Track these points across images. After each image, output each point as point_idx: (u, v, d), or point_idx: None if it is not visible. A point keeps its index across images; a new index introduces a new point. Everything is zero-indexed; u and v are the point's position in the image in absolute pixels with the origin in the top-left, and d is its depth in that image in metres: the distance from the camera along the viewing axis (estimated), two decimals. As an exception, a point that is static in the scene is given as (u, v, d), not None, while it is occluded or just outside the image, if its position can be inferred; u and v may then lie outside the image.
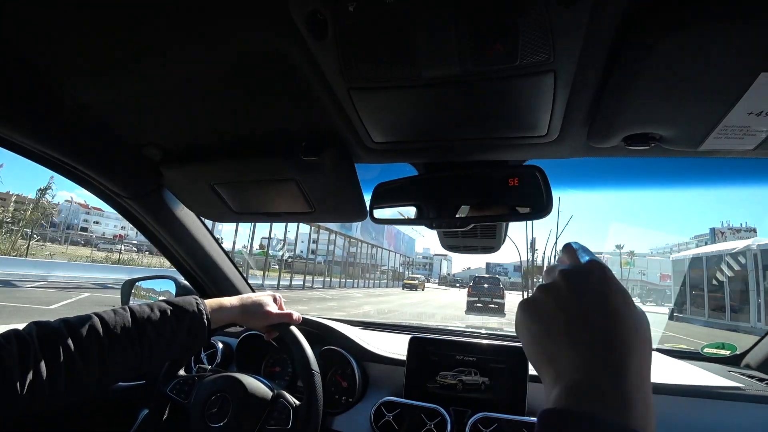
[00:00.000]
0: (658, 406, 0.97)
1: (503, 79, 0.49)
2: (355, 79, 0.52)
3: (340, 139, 0.73)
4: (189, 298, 0.80)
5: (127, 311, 0.72)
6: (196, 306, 0.79)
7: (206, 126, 0.77)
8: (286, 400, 0.89)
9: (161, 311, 0.75)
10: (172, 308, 0.76)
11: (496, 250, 0.99)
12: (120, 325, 0.69)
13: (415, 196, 0.78)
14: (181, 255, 1.28)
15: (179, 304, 0.78)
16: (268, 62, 0.56)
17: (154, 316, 0.73)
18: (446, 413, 1.01)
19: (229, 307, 0.86)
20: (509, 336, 1.43)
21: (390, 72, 0.49)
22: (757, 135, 0.52)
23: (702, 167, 0.99)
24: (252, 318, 0.90)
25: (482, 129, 0.63)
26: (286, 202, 0.92)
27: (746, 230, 60.05)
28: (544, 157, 0.71)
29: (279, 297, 0.98)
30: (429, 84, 0.51)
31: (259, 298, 0.92)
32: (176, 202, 1.10)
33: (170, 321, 0.75)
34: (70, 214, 67.90)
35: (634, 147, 0.59)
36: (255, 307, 0.90)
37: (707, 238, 64.14)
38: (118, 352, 0.68)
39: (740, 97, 0.46)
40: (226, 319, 0.86)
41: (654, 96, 0.49)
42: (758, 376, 1.08)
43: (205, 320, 0.79)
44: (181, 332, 0.75)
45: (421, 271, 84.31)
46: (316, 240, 28.57)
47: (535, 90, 0.51)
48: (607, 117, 0.56)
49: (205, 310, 0.80)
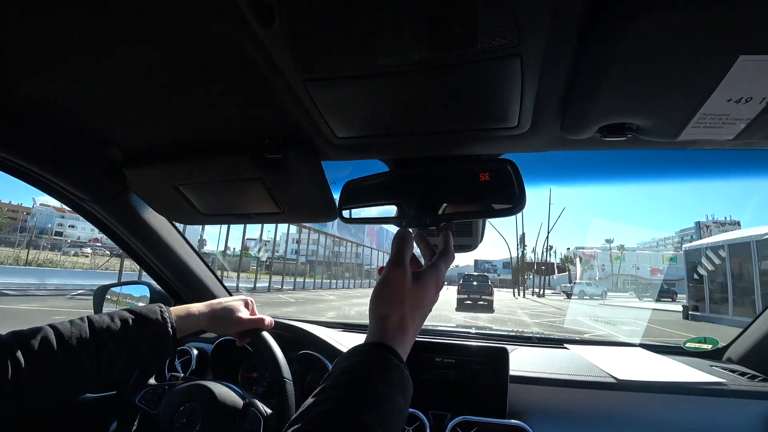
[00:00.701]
0: (637, 404, 0.98)
1: (466, 65, 0.47)
2: (309, 69, 0.49)
3: (304, 136, 0.71)
4: (153, 306, 0.78)
5: (85, 321, 0.70)
6: (160, 314, 0.76)
7: (166, 124, 0.74)
8: (257, 409, 0.86)
9: (122, 321, 0.72)
10: (134, 317, 0.74)
11: (473, 249, 0.97)
12: (76, 336, 0.67)
13: (384, 193, 0.75)
14: (153, 260, 1.25)
15: (142, 312, 0.75)
16: (222, 54, 0.54)
17: (114, 326, 0.71)
18: (425, 417, 1.00)
19: (197, 314, 0.84)
20: (497, 335, 1.43)
21: (345, 61, 0.47)
22: (737, 124, 0.51)
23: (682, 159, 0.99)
24: (222, 324, 0.87)
25: (449, 121, 0.60)
26: (253, 203, 0.90)
27: (730, 223, 61.93)
28: (519, 151, 0.69)
29: (251, 301, 0.95)
30: (388, 73, 0.49)
31: (229, 304, 0.89)
32: (144, 204, 1.07)
33: (131, 331, 0.72)
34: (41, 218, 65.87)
35: (610, 138, 0.57)
36: (225, 312, 0.87)
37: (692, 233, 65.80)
38: (74, 365, 0.65)
39: (718, 82, 0.44)
40: (194, 326, 0.84)
41: (628, 83, 0.47)
42: (740, 370, 1.09)
43: (170, 329, 0.76)
44: (143, 342, 0.73)
45: None
46: (298, 240, 28.63)
47: (501, 77, 0.48)
48: (581, 106, 0.54)
49: (170, 318, 0.77)
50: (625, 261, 45.23)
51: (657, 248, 70.11)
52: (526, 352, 1.22)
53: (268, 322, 0.93)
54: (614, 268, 43.41)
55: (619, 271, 42.29)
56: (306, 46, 0.45)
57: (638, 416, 0.97)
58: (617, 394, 1.00)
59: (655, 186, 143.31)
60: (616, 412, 0.99)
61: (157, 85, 0.63)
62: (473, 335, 1.42)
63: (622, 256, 45.76)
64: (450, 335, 1.42)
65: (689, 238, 68.21)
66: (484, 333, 1.44)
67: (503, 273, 55.14)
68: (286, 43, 0.45)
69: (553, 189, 36.67)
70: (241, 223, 1.08)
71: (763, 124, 0.50)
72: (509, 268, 52.46)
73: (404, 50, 0.44)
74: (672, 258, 45.66)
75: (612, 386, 1.00)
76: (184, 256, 1.30)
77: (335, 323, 1.53)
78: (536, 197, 52.29)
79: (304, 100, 0.57)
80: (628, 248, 55.18)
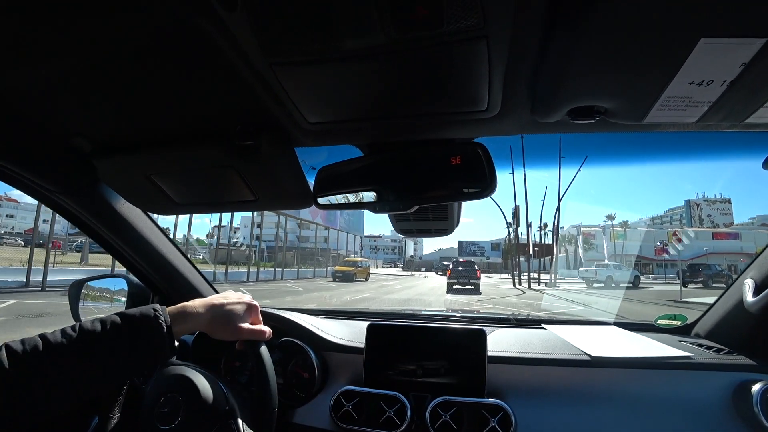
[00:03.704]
0: (610, 380, 1.07)
1: (432, 47, 0.49)
2: (275, 53, 0.51)
3: (276, 121, 0.72)
4: (146, 308, 0.75)
5: (76, 330, 0.68)
6: (154, 317, 0.74)
7: (133, 113, 0.75)
8: (235, 424, 0.83)
9: (114, 328, 0.70)
10: (127, 323, 0.72)
11: (449, 233, 1.03)
12: (67, 346, 0.66)
13: (357, 179, 0.78)
14: (128, 252, 1.26)
15: (134, 315, 0.73)
16: (187, 39, 0.55)
17: (105, 335, 0.69)
18: (406, 400, 1.07)
19: (194, 315, 0.80)
20: (478, 317, 1.51)
21: (310, 44, 0.49)
22: (699, 107, 0.55)
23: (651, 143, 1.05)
24: (220, 330, 0.84)
25: (420, 105, 0.63)
26: (228, 191, 0.91)
27: (721, 201, 63.61)
28: (491, 134, 0.73)
29: (255, 306, 0.91)
30: (354, 56, 0.51)
31: (232, 308, 0.85)
32: (116, 195, 1.07)
33: (124, 338, 0.70)
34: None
35: (579, 121, 0.61)
36: (225, 318, 0.83)
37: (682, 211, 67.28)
38: (65, 377, 0.65)
39: (681, 65, 0.47)
40: (191, 329, 0.81)
41: (595, 65, 0.50)
42: (707, 344, 1.19)
43: (166, 333, 0.74)
44: (137, 348, 0.71)
45: (390, 255, 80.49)
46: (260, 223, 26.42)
47: (469, 59, 0.51)
48: (550, 89, 0.58)
49: (165, 321, 0.74)
50: (628, 239, 40.89)
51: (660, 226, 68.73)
52: (505, 333, 1.30)
53: (268, 335, 0.89)
54: (616, 248, 38.91)
55: (623, 252, 38.08)
56: (270, 29, 0.47)
57: (611, 391, 1.06)
58: (591, 370, 1.09)
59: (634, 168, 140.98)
60: (591, 387, 1.07)
61: (120, 73, 0.63)
62: (454, 318, 1.50)
63: (624, 234, 41.65)
64: (432, 318, 1.50)
65: (679, 217, 69.83)
66: (464, 316, 1.52)
67: (492, 255, 51.81)
68: (251, 27, 0.47)
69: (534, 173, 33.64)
70: (217, 212, 1.10)
71: (722, 107, 0.54)
72: (498, 250, 51.55)
73: (369, 33, 0.46)
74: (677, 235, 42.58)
75: (586, 363, 1.09)
76: (160, 247, 1.31)
77: (318, 310, 1.59)
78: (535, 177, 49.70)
79: (272, 85, 0.59)
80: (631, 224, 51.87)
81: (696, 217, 60.70)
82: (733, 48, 0.45)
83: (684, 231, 36.07)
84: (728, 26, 0.42)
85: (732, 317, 1.16)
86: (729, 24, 0.42)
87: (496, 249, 52.40)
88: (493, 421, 1.00)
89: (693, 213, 61.22)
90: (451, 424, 1.02)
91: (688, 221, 61.32)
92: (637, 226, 56.98)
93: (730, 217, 60.04)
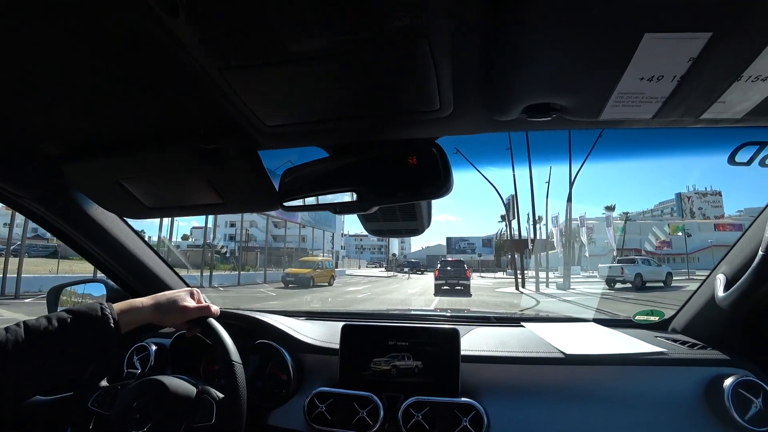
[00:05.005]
0: (585, 377, 1.08)
1: (373, 48, 0.50)
2: (223, 58, 0.52)
3: (236, 125, 0.74)
4: (93, 304, 0.81)
5: (21, 327, 0.73)
6: (101, 311, 0.80)
7: (100, 117, 0.76)
8: (209, 395, 0.90)
9: (60, 321, 0.76)
10: (72, 317, 0.77)
11: (420, 232, 1.03)
12: (12, 342, 0.70)
13: (319, 180, 0.80)
14: (103, 256, 1.28)
15: (81, 311, 0.79)
16: (139, 45, 0.56)
17: (51, 328, 0.74)
18: (378, 400, 1.07)
19: (140, 306, 0.89)
20: (457, 317, 1.52)
21: (252, 49, 0.50)
22: (653, 102, 0.55)
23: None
24: (168, 315, 0.92)
25: (372, 106, 0.64)
26: (196, 195, 0.93)
27: (712, 193, 64.56)
28: (451, 134, 0.74)
29: (197, 291, 1.00)
30: (298, 59, 0.52)
31: (174, 295, 0.95)
32: (88, 200, 1.09)
33: (71, 331, 0.76)
34: None
35: (536, 119, 0.61)
36: (170, 303, 0.93)
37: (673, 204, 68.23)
38: (12, 371, 0.69)
39: (629, 60, 0.47)
40: (139, 320, 0.88)
41: (543, 63, 0.51)
42: (681, 339, 1.21)
43: (112, 324, 0.80)
44: (85, 341, 0.77)
45: (376, 255, 77.18)
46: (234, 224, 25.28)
47: (412, 59, 0.52)
48: (501, 87, 0.58)
49: (112, 314, 0.81)
50: (627, 233, 39.31)
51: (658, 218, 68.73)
52: (483, 332, 1.31)
53: (215, 310, 0.98)
54: (617, 242, 35.62)
55: (623, 245, 35.98)
56: (213, 35, 0.48)
57: (586, 388, 1.07)
58: (566, 368, 1.10)
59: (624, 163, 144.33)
60: (564, 385, 1.09)
61: (80, 79, 0.64)
62: (434, 317, 1.51)
63: (622, 227, 39.89)
64: (412, 318, 1.50)
65: (669, 210, 70.83)
66: (443, 315, 1.53)
67: (485, 252, 50.32)
68: (195, 33, 0.48)
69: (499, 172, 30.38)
70: (187, 215, 1.12)
71: (677, 103, 0.54)
72: (490, 246, 51.07)
73: (308, 36, 0.47)
74: (679, 227, 41.95)
75: (560, 361, 1.10)
76: (136, 251, 1.32)
77: (300, 312, 1.59)
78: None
79: (225, 89, 0.60)
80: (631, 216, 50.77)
81: (687, 209, 61.67)
82: (679, 43, 0.45)
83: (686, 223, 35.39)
84: (672, 21, 0.42)
85: (705, 312, 1.18)
86: (673, 18, 0.42)
87: (487, 245, 50.45)
88: (465, 421, 1.01)
89: (684, 206, 62.08)
90: (423, 424, 1.03)
91: (680, 214, 62.26)
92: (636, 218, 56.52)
93: (721, 209, 61.04)
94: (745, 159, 0.79)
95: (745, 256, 1.01)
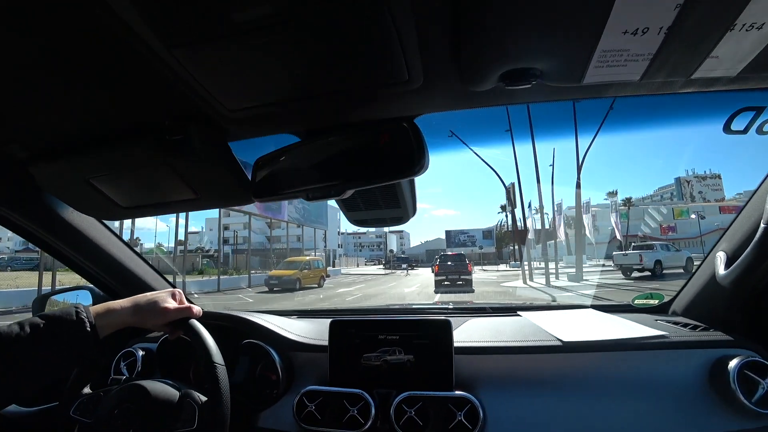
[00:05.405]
0: (583, 365, 1.05)
1: (328, 15, 0.47)
2: (170, 34, 0.50)
3: (199, 112, 0.71)
4: (68, 308, 0.79)
5: None
6: (76, 315, 0.78)
7: (62, 116, 0.75)
8: (192, 398, 0.88)
9: (32, 327, 0.74)
10: (46, 322, 0.75)
11: (406, 220, 0.99)
12: None
13: (292, 166, 0.76)
14: (83, 261, 1.25)
15: (55, 315, 0.77)
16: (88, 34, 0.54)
17: (23, 334, 0.72)
18: (369, 397, 1.03)
19: (119, 309, 0.86)
20: (453, 309, 1.48)
21: (200, 19, 0.47)
22: (640, 60, 0.51)
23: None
24: (148, 317, 0.89)
25: (336, 81, 0.61)
26: (169, 191, 0.91)
27: (711, 177, 64.47)
28: (427, 111, 0.71)
29: (179, 292, 0.97)
30: (248, 30, 0.49)
31: (154, 296, 0.92)
32: (63, 204, 1.07)
33: (44, 336, 0.74)
34: None
35: (515, 86, 0.58)
36: (150, 305, 0.90)
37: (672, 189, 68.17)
38: None
39: (609, 11, 0.44)
40: (118, 322, 0.85)
41: (516, 20, 0.47)
42: (683, 321, 1.17)
43: (88, 328, 0.77)
44: (59, 346, 0.75)
45: (376, 253, 74.56)
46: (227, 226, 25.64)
47: (371, 27, 0.49)
48: (474, 51, 0.54)
49: (88, 318, 0.78)
50: (630, 219, 38.61)
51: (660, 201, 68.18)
52: (478, 323, 1.27)
53: (196, 311, 0.95)
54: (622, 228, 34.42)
55: (627, 231, 35.41)
56: (155, 9, 0.46)
57: (584, 376, 1.04)
58: (564, 356, 1.06)
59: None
60: (562, 374, 1.05)
61: (33, 78, 0.62)
62: (426, 310, 1.47)
63: (625, 213, 39.03)
64: (404, 312, 1.47)
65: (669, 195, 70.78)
66: (436, 307, 1.50)
67: (486, 245, 49.20)
68: (138, 9, 0.46)
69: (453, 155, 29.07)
70: (163, 213, 1.09)
71: (666, 60, 0.51)
72: (491, 238, 50.76)
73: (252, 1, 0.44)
74: (683, 211, 41.49)
75: (558, 349, 1.07)
76: (117, 253, 1.30)
77: (291, 311, 1.56)
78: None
79: (179, 71, 0.57)
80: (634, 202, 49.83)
81: (687, 194, 61.54)
82: None
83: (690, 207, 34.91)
84: None
85: (706, 292, 1.14)
86: None
87: (488, 237, 49.78)
88: (460, 415, 0.97)
89: (684, 190, 61.97)
90: (416, 420, 0.99)
91: (680, 199, 62.17)
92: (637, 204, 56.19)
93: (722, 192, 60.96)
94: (741, 126, 0.75)
95: (746, 232, 0.97)
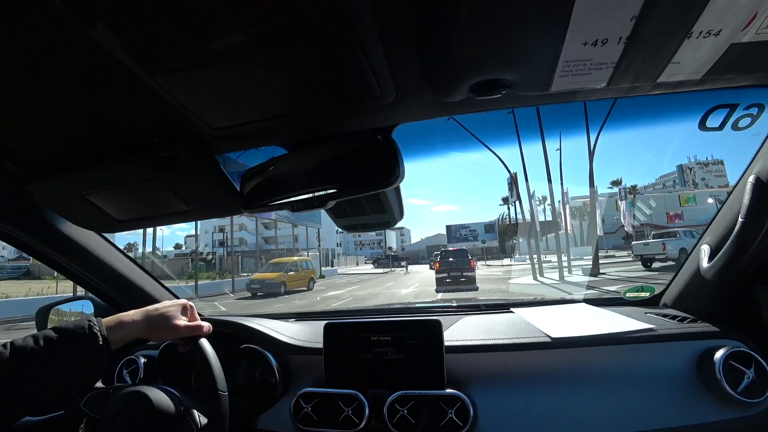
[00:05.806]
0: (573, 360, 1.06)
1: (297, 40, 0.48)
2: (149, 64, 0.52)
3: (186, 130, 0.73)
4: (81, 321, 0.80)
5: (7, 348, 0.73)
6: (89, 328, 0.78)
7: (56, 135, 0.77)
8: (192, 419, 0.89)
9: (46, 340, 0.75)
10: (59, 335, 0.76)
11: (392, 225, 1.01)
12: None
13: (278, 177, 0.79)
14: (84, 273, 1.28)
15: (69, 328, 0.78)
16: (73, 57, 0.55)
17: (37, 348, 0.73)
18: (363, 397, 1.06)
19: (130, 322, 0.86)
20: (445, 308, 1.50)
21: (177, 52, 0.49)
22: (603, 69, 0.52)
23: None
24: (159, 332, 0.90)
25: (312, 99, 0.62)
26: (162, 204, 0.94)
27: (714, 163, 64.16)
28: (403, 121, 0.72)
29: (190, 306, 0.98)
30: (225, 57, 0.51)
31: (165, 310, 0.92)
32: (60, 218, 1.10)
33: (58, 349, 0.75)
34: None
35: (485, 97, 0.59)
36: (161, 320, 0.90)
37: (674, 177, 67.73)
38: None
39: (567, 24, 0.45)
40: (129, 336, 0.86)
41: (479, 33, 0.49)
42: (672, 313, 1.19)
43: (101, 341, 0.78)
44: (73, 360, 0.76)
45: (376, 251, 71.93)
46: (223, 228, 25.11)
47: (338, 46, 0.50)
48: (442, 66, 0.56)
49: (101, 331, 0.79)
50: (634, 208, 37.22)
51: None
52: (470, 321, 1.29)
53: (206, 329, 0.95)
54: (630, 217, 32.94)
55: (633, 221, 34.14)
56: (135, 41, 0.48)
57: (574, 372, 1.05)
58: (553, 352, 1.08)
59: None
60: (552, 369, 1.07)
61: (25, 97, 0.64)
62: (420, 309, 1.49)
63: (630, 201, 36.37)
64: (399, 312, 1.49)
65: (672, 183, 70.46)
66: (431, 306, 1.52)
67: (488, 238, 48.09)
68: (117, 41, 0.48)
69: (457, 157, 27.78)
70: (157, 225, 1.12)
71: (629, 68, 0.52)
72: (493, 231, 50.07)
73: (227, 32, 0.46)
74: (690, 198, 40.12)
75: (547, 345, 1.08)
76: (116, 264, 1.32)
77: (288, 314, 1.58)
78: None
79: (163, 95, 0.59)
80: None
81: (690, 181, 61.20)
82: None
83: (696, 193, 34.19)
84: None
85: (693, 284, 1.15)
86: None
87: (490, 231, 48.45)
88: (451, 413, 0.99)
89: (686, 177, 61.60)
90: (408, 419, 1.01)
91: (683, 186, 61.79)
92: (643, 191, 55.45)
93: (725, 178, 60.56)
94: (716, 124, 0.76)
95: (727, 225, 0.99)
